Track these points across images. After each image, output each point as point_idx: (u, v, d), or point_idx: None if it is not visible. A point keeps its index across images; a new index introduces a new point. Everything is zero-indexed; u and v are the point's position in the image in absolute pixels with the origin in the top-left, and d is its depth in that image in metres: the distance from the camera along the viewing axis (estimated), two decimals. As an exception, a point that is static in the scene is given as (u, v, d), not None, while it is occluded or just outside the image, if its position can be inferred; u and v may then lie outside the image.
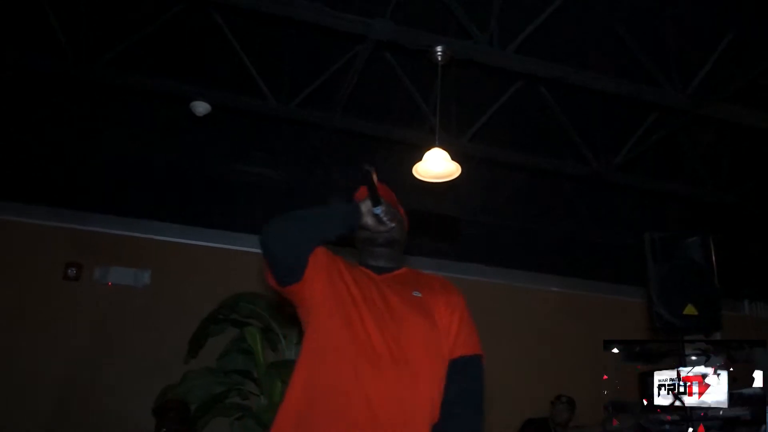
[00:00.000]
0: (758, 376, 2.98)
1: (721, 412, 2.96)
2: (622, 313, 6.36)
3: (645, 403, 3.09)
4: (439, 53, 3.76)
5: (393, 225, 1.91)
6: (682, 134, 5.01)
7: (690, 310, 3.18)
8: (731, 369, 2.98)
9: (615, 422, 3.75)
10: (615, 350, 4.22)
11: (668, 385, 3.47)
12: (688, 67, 4.17)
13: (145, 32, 4.14)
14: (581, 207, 5.70)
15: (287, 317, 5.27)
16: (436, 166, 3.78)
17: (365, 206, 1.87)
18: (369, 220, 1.88)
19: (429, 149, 3.85)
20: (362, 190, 2.00)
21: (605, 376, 4.09)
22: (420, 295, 1.90)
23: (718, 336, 3.73)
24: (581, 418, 5.47)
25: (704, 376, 3.24)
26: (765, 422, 2.90)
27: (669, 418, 3.10)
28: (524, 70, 3.96)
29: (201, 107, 4.64)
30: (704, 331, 3.28)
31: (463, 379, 1.82)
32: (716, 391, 2.97)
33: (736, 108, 4.30)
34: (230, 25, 4.17)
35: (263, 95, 4.39)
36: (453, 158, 3.87)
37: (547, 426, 5.54)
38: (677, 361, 3.17)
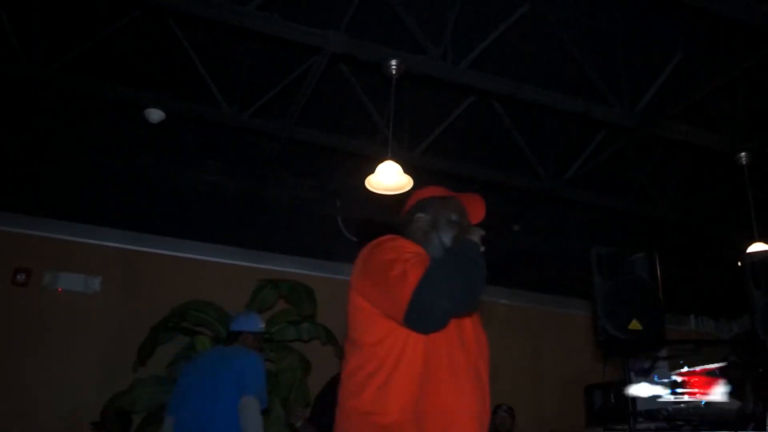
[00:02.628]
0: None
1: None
2: (569, 326, 6.49)
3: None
4: (393, 67, 3.79)
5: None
6: (631, 151, 5.14)
7: (635, 325, 3.22)
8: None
9: None
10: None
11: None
12: (638, 86, 4.29)
13: (100, 37, 4.08)
14: (532, 221, 5.80)
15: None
16: (389, 179, 3.81)
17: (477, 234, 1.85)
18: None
19: (382, 161, 3.88)
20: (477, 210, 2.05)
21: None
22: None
23: (663, 352, 3.83)
24: (522, 427, 5.54)
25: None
26: None
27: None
28: (476, 86, 4.02)
29: (155, 114, 4.60)
30: (648, 345, 3.34)
31: None
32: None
33: (683, 127, 4.44)
34: (186, 33, 4.15)
35: (217, 104, 4.37)
36: (406, 171, 3.91)
37: (495, 435, 5.61)
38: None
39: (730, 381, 3.38)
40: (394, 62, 3.77)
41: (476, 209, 2.08)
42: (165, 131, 4.81)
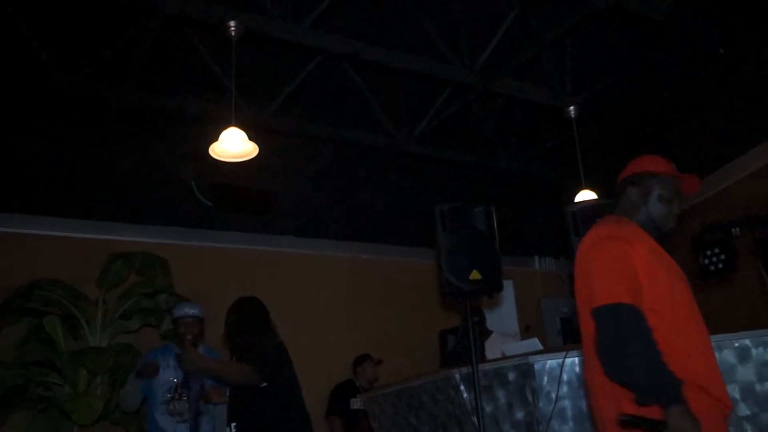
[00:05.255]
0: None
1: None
2: (424, 275, 6.78)
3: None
4: (232, 28, 3.70)
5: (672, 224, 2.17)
6: (476, 106, 5.39)
7: (475, 275, 3.38)
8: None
9: None
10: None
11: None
12: (476, 44, 4.48)
13: None
14: (386, 177, 5.95)
15: (90, 302, 5.03)
16: (233, 146, 3.76)
17: None
18: None
19: (228, 126, 3.81)
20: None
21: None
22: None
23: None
24: (385, 376, 5.80)
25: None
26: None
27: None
28: (318, 46, 4.02)
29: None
30: (488, 292, 3.52)
31: None
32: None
33: (518, 83, 4.71)
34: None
35: (46, 69, 4.05)
36: (256, 132, 3.88)
37: (354, 387, 5.82)
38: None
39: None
40: (232, 23, 3.67)
41: (691, 188, 2.25)
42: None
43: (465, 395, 3.41)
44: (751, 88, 5.03)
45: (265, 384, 3.52)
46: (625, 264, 1.93)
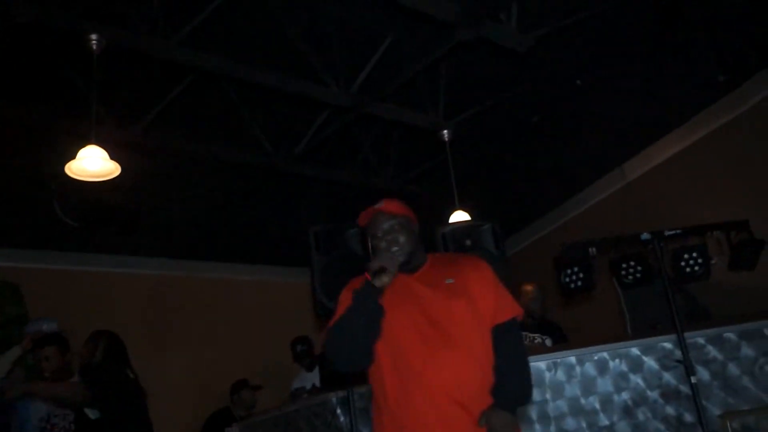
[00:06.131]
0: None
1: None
2: (302, 296, 6.71)
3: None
4: (93, 41, 3.52)
5: (396, 248, 2.21)
6: (355, 127, 5.44)
7: None
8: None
9: None
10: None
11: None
12: (352, 68, 4.53)
13: None
14: (264, 196, 5.87)
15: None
16: (92, 164, 3.57)
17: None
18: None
19: (87, 145, 3.60)
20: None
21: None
22: (453, 281, 2.19)
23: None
24: (263, 403, 5.70)
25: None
26: None
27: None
28: (189, 63, 3.91)
29: None
30: None
31: (508, 341, 2.15)
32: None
33: (393, 107, 4.81)
34: None
35: None
36: (125, 150, 3.70)
37: (230, 416, 5.63)
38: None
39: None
40: (94, 36, 3.49)
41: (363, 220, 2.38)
42: None
43: (342, 419, 3.40)
44: (604, 117, 5.43)
45: (97, 414, 3.43)
46: None
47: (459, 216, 5.04)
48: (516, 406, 2.12)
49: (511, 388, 2.11)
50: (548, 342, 4.59)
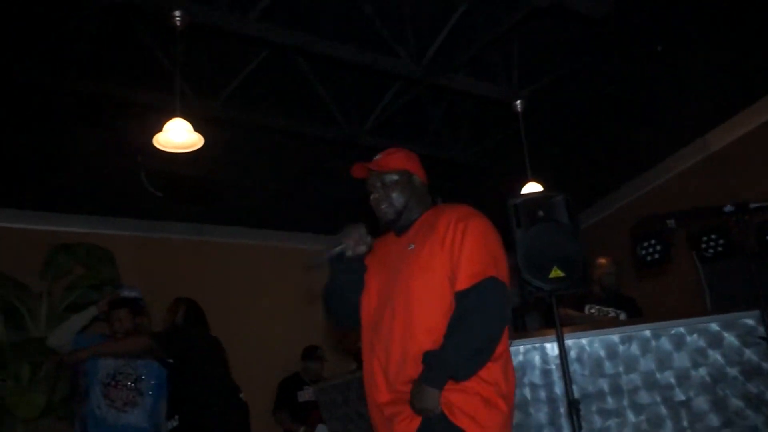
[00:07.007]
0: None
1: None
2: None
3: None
4: (177, 18, 3.66)
5: (385, 206, 2.26)
6: (426, 99, 5.44)
7: (556, 272, 2.98)
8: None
9: None
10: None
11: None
12: (424, 39, 4.52)
13: None
14: (336, 168, 5.95)
15: (33, 294, 4.92)
16: (178, 136, 3.73)
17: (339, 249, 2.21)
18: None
19: (174, 117, 3.77)
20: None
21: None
22: (413, 246, 2.13)
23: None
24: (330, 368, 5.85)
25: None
26: None
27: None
28: (265, 37, 4.00)
29: None
30: (573, 290, 3.10)
31: (459, 309, 1.99)
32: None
33: (465, 78, 4.77)
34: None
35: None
36: (202, 123, 3.85)
37: (300, 380, 5.82)
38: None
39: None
40: (177, 13, 3.63)
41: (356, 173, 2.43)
42: None
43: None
44: (685, 85, 5.21)
45: (170, 360, 3.70)
46: None
47: (532, 187, 4.99)
48: (446, 377, 1.93)
49: (444, 356, 1.91)
50: (622, 316, 4.51)
